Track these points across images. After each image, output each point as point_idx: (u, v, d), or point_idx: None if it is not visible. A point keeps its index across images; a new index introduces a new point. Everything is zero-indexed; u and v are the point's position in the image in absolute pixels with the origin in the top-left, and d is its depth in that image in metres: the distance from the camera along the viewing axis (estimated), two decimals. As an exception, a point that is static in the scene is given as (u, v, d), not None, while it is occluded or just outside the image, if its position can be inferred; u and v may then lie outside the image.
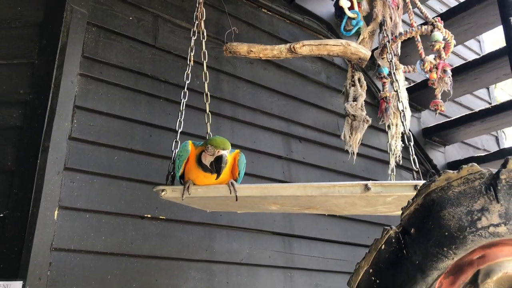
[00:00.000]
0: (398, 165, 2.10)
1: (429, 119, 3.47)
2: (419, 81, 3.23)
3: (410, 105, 2.12)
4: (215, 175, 1.41)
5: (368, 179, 2.81)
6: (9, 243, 1.66)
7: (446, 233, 0.75)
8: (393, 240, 0.81)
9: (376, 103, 3.00)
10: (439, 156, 3.46)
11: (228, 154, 1.45)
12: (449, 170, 0.81)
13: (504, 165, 0.81)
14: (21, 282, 1.58)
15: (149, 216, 1.98)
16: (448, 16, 2.79)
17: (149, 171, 2.05)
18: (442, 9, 3.87)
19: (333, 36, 3.08)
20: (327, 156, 2.80)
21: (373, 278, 0.82)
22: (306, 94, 2.86)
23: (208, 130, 1.87)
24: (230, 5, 2.61)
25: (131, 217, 1.95)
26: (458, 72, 2.91)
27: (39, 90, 1.88)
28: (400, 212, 1.37)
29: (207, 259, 2.10)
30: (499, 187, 0.80)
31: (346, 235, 2.69)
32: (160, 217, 2.01)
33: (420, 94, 3.13)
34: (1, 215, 1.71)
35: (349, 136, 1.80)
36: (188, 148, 1.49)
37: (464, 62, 3.18)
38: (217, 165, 1.39)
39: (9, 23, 2.03)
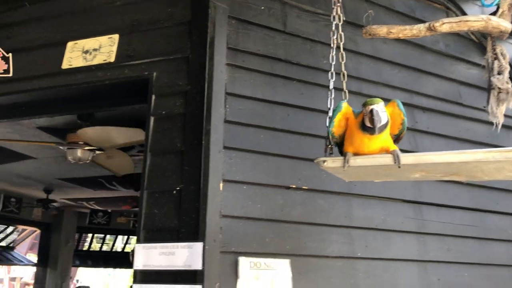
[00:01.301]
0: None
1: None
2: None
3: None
4: (378, 135, 1.55)
5: (492, 146, 2.81)
6: (187, 211, 1.98)
7: None
8: None
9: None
10: None
11: (381, 107, 1.55)
12: None
13: None
14: (202, 243, 1.90)
15: (293, 186, 2.21)
16: None
17: (290, 146, 2.26)
18: None
19: (449, 3, 3.04)
20: (451, 124, 2.83)
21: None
22: (426, 64, 2.89)
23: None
24: (348, -17, 2.71)
25: (279, 187, 2.19)
26: None
27: (195, 80, 2.16)
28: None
29: (346, 224, 2.28)
30: None
31: (474, 202, 2.72)
32: (303, 187, 2.23)
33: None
34: (178, 188, 2.04)
35: (496, 108, 1.85)
36: (341, 105, 1.65)
37: None
38: (370, 120, 1.53)
39: (162, 23, 2.34)
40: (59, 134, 4.27)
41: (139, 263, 1.99)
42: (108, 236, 10.60)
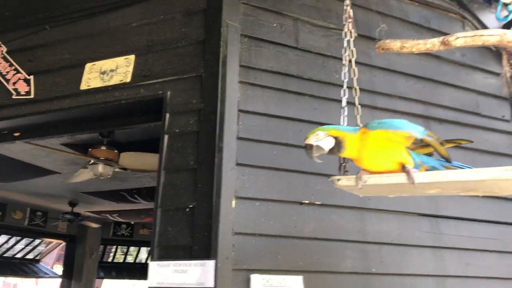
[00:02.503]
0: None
1: None
2: None
3: None
4: (379, 159, 1.53)
5: (513, 156, 2.75)
6: (200, 229, 2.00)
7: None
8: None
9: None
10: None
11: (314, 139, 1.53)
12: None
13: None
14: (214, 261, 1.91)
15: (306, 202, 2.21)
16: None
17: (303, 162, 2.25)
18: None
19: (465, 12, 3.01)
20: (469, 135, 2.77)
21: None
22: (442, 75, 2.86)
23: (358, 122, 2.02)
24: (362, -4, 2.72)
25: (292, 203, 2.19)
26: None
27: (208, 99, 2.20)
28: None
29: (360, 240, 2.27)
30: None
31: (494, 214, 2.66)
32: (316, 202, 2.23)
33: None
34: (191, 206, 2.07)
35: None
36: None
37: None
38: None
39: (177, 43, 2.39)
40: (81, 149, 4.39)
41: (153, 280, 2.02)
42: (131, 248, 10.75)
